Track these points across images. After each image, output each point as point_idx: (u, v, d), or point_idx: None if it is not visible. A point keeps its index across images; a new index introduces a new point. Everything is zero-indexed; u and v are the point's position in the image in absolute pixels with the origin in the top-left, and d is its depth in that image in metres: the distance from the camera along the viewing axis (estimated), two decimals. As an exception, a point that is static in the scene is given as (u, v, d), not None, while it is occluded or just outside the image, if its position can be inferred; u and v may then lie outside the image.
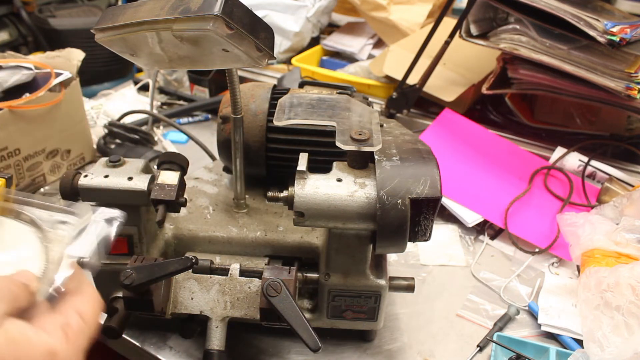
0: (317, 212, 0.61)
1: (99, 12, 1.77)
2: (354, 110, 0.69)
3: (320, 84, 0.88)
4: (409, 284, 0.72)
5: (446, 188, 1.01)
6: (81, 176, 0.66)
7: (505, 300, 0.87)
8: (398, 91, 1.24)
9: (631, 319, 0.71)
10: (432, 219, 0.63)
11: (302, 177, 0.62)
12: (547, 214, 1.04)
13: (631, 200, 0.92)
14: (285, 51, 1.58)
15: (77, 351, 0.41)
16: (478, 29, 1.15)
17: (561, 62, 1.04)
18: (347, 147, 0.61)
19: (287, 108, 0.68)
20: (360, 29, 1.70)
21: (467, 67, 1.36)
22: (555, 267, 0.95)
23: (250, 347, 0.76)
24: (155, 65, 0.66)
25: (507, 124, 1.32)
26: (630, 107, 1.07)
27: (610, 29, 0.92)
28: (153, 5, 0.57)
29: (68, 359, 0.40)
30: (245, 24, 0.56)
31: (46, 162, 1.10)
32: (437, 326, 0.82)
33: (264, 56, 0.60)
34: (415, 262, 0.95)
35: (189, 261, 0.60)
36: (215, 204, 0.81)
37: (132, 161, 0.70)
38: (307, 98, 0.70)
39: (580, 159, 1.13)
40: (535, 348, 0.76)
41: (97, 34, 0.61)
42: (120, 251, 0.69)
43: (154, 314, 0.66)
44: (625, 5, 1.32)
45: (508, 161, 1.14)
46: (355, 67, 1.49)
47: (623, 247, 0.82)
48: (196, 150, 1.16)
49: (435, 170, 0.61)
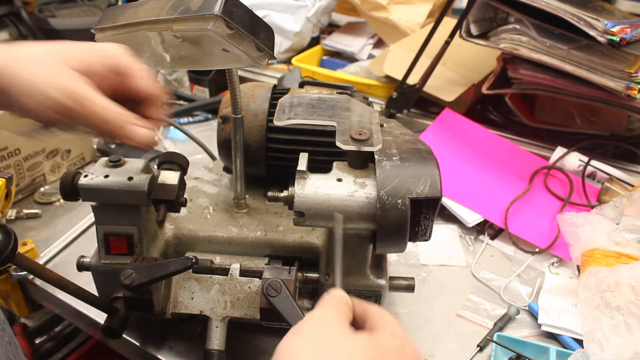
0: (317, 212, 0.61)
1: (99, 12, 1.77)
2: (354, 110, 0.69)
3: (320, 84, 0.88)
4: (409, 284, 0.72)
5: (446, 188, 1.01)
6: (81, 176, 0.66)
7: (505, 300, 0.87)
8: (398, 91, 1.24)
9: (631, 319, 0.71)
10: (432, 219, 0.63)
11: (302, 177, 0.62)
12: (547, 214, 1.04)
13: (631, 200, 0.92)
14: (285, 51, 1.58)
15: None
16: (478, 29, 1.15)
17: (561, 62, 1.04)
18: (347, 147, 0.61)
19: (287, 108, 0.68)
20: (360, 29, 1.70)
21: (467, 67, 1.36)
22: (556, 267, 0.95)
23: (250, 347, 0.76)
24: (155, 65, 0.66)
25: (507, 124, 1.32)
26: (630, 107, 1.07)
27: (610, 29, 0.92)
28: (153, 5, 0.57)
29: None
30: (245, 24, 0.56)
31: (46, 162, 1.10)
32: (437, 326, 0.82)
33: (264, 56, 0.60)
34: (415, 262, 0.95)
35: (189, 261, 0.60)
36: (216, 204, 0.81)
37: (132, 161, 0.70)
38: (307, 98, 0.70)
39: (580, 159, 1.13)
40: (535, 348, 0.76)
41: (97, 34, 0.61)
42: (120, 251, 0.69)
43: (154, 314, 0.66)
44: (625, 5, 1.32)
45: (508, 161, 1.14)
46: (355, 67, 1.49)
47: (623, 247, 0.82)
48: (196, 150, 1.16)
49: (436, 170, 0.61)
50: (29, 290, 0.91)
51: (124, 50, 0.55)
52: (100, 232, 0.69)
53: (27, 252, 0.90)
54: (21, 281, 0.89)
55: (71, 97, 0.47)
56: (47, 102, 0.46)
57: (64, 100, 0.46)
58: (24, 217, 1.02)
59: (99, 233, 0.69)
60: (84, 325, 0.85)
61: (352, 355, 0.41)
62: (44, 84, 0.46)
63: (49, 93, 0.46)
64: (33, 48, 0.48)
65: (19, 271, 0.87)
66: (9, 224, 1.01)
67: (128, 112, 0.52)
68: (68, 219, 1.02)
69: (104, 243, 0.69)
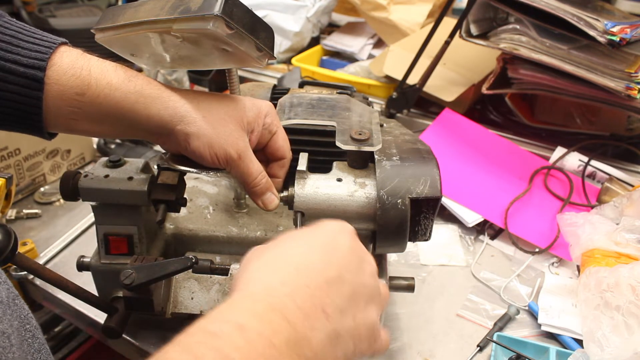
0: (317, 212, 0.61)
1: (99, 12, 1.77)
2: (354, 110, 0.69)
3: (320, 84, 0.88)
4: (409, 284, 0.72)
5: (446, 188, 1.01)
6: (81, 176, 0.66)
7: (505, 300, 0.87)
8: (398, 91, 1.24)
9: (631, 319, 0.71)
10: (432, 219, 0.63)
11: (302, 177, 0.62)
12: (547, 214, 1.04)
13: (631, 200, 0.92)
14: (285, 51, 1.58)
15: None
16: (478, 29, 1.15)
17: (561, 62, 1.04)
18: (347, 147, 0.61)
19: (287, 108, 0.68)
20: (360, 29, 1.70)
21: (467, 67, 1.36)
22: (555, 267, 0.95)
23: (250, 347, 0.76)
24: (155, 66, 0.66)
25: (507, 124, 1.32)
26: (630, 107, 1.07)
27: (610, 29, 0.92)
28: (153, 5, 0.57)
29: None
30: (245, 24, 0.56)
31: (46, 162, 1.10)
32: (437, 326, 0.82)
33: (264, 56, 0.60)
34: (415, 262, 0.95)
35: (189, 261, 0.60)
36: (215, 203, 0.81)
37: (132, 161, 0.70)
38: (307, 98, 0.70)
39: (580, 159, 1.13)
40: (535, 348, 0.76)
41: (97, 34, 0.61)
42: (120, 251, 0.69)
43: (154, 314, 0.66)
44: (625, 5, 1.32)
45: (508, 161, 1.14)
46: (355, 67, 1.49)
47: (623, 247, 0.82)
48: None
49: (435, 170, 0.61)
50: (29, 290, 0.91)
51: (275, 111, 0.65)
52: (100, 232, 0.68)
53: (27, 252, 0.90)
54: (21, 281, 0.89)
55: (240, 154, 0.60)
56: (222, 153, 0.58)
57: (233, 155, 0.59)
58: (24, 217, 1.02)
59: (99, 233, 0.69)
60: (84, 325, 0.85)
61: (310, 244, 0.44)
62: (224, 141, 0.59)
63: (226, 148, 0.59)
64: (216, 104, 0.61)
65: (19, 271, 0.87)
66: (9, 224, 1.01)
67: (269, 180, 0.63)
68: (68, 219, 1.03)
69: (103, 243, 0.69)
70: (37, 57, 0.53)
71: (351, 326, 0.41)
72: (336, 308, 0.40)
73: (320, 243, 0.44)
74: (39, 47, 0.54)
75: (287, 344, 0.34)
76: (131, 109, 0.56)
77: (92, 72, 0.55)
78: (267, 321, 0.35)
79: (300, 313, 0.37)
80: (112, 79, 0.55)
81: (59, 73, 0.54)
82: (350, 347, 0.41)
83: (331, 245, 0.44)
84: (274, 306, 0.36)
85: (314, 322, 0.37)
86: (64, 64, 0.54)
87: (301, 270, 0.40)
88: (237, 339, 0.33)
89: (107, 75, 0.55)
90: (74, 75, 0.54)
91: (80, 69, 0.55)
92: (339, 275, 0.41)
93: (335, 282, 0.41)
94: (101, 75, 0.55)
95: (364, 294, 0.43)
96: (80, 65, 0.55)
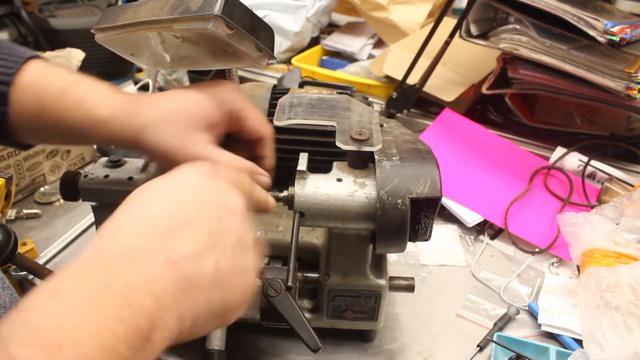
0: (317, 212, 0.61)
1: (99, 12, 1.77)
2: (354, 110, 0.69)
3: (320, 84, 0.88)
4: (409, 284, 0.72)
5: (446, 188, 1.01)
6: (81, 176, 0.66)
7: (505, 300, 0.87)
8: (398, 91, 1.24)
9: (631, 319, 0.71)
10: (433, 219, 0.63)
11: (302, 177, 0.62)
12: (547, 214, 1.04)
13: (631, 200, 0.92)
14: (285, 51, 1.58)
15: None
16: (478, 29, 1.15)
17: (561, 62, 1.04)
18: (347, 147, 0.61)
19: (287, 108, 0.68)
20: (360, 29, 1.70)
21: (467, 67, 1.36)
22: (555, 267, 0.95)
23: (250, 347, 0.76)
24: (155, 66, 0.66)
25: (507, 124, 1.32)
26: (630, 107, 1.07)
27: (610, 29, 0.92)
28: (153, 5, 0.57)
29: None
30: (245, 24, 0.56)
31: (46, 162, 1.10)
32: (437, 326, 0.82)
33: (264, 56, 0.60)
34: (415, 262, 0.95)
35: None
36: (215, 204, 0.81)
37: (132, 161, 0.70)
38: (307, 98, 0.70)
39: (580, 159, 1.13)
40: (535, 348, 0.76)
41: (97, 34, 0.61)
42: (120, 251, 0.69)
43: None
44: (625, 5, 1.32)
45: (508, 161, 1.14)
46: (355, 67, 1.49)
47: (623, 247, 0.82)
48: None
49: (435, 170, 0.61)
50: (29, 290, 0.91)
51: (237, 93, 0.62)
52: (100, 232, 0.68)
53: (27, 252, 0.90)
54: (21, 281, 0.89)
55: (195, 158, 0.55)
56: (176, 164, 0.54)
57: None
58: (24, 217, 1.02)
59: (98, 233, 0.69)
60: (84, 325, 0.85)
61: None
62: (172, 150, 0.55)
63: (177, 159, 0.54)
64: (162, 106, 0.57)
65: (19, 271, 0.87)
66: (9, 224, 1.01)
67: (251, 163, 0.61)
68: (68, 219, 1.02)
69: (104, 243, 0.69)
70: (2, 72, 0.52)
71: (212, 271, 0.39)
72: (186, 254, 0.38)
73: (171, 190, 0.42)
74: (5, 62, 0.53)
75: (109, 295, 0.33)
76: (90, 132, 0.55)
77: (49, 93, 0.53)
78: (86, 280, 0.34)
79: (131, 263, 0.35)
80: (68, 102, 0.54)
81: (19, 92, 0.53)
82: (215, 296, 0.39)
83: (182, 191, 0.42)
84: (100, 266, 0.35)
85: (153, 271, 0.36)
86: (23, 82, 0.53)
87: (143, 222, 0.38)
88: (51, 306, 0.32)
89: (64, 98, 0.54)
90: (32, 95, 0.53)
91: (38, 89, 0.53)
92: (188, 220, 0.39)
93: (183, 227, 0.39)
94: (57, 97, 0.53)
95: (227, 239, 0.41)
96: (39, 84, 0.54)
